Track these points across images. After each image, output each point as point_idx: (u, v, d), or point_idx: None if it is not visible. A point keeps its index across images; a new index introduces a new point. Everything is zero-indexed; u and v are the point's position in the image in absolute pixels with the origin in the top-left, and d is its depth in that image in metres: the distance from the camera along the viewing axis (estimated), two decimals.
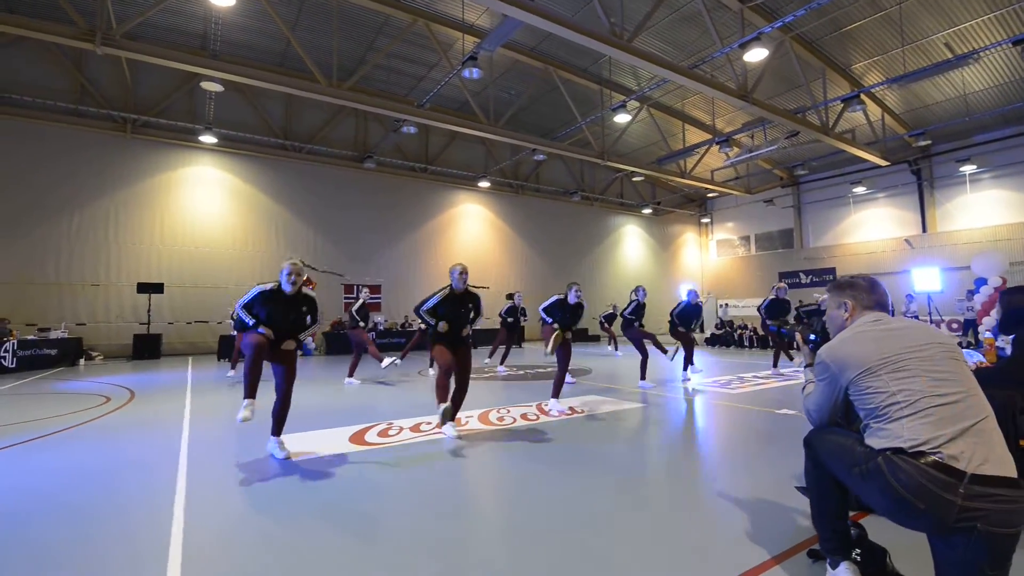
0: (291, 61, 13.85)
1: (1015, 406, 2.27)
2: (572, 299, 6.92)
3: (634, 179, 19.68)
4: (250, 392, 3.84)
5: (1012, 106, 14.22)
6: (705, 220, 25.53)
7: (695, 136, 18.15)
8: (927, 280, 12.85)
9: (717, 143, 15.19)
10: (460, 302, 4.97)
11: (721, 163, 19.32)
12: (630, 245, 23.93)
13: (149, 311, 12.94)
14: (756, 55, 9.98)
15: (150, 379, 9.07)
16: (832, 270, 20.43)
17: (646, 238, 24.50)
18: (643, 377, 7.74)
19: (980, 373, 2.54)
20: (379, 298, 16.49)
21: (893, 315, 2.03)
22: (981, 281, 10.26)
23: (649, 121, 17.21)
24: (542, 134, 17.16)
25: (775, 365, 9.25)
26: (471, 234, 19.20)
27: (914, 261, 17.87)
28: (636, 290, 8.24)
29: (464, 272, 4.90)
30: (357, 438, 4.59)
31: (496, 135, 13.64)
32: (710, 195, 23.78)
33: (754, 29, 10.46)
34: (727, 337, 16.02)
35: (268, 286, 4.06)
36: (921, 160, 18.20)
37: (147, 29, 12.28)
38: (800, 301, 9.75)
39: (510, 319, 10.42)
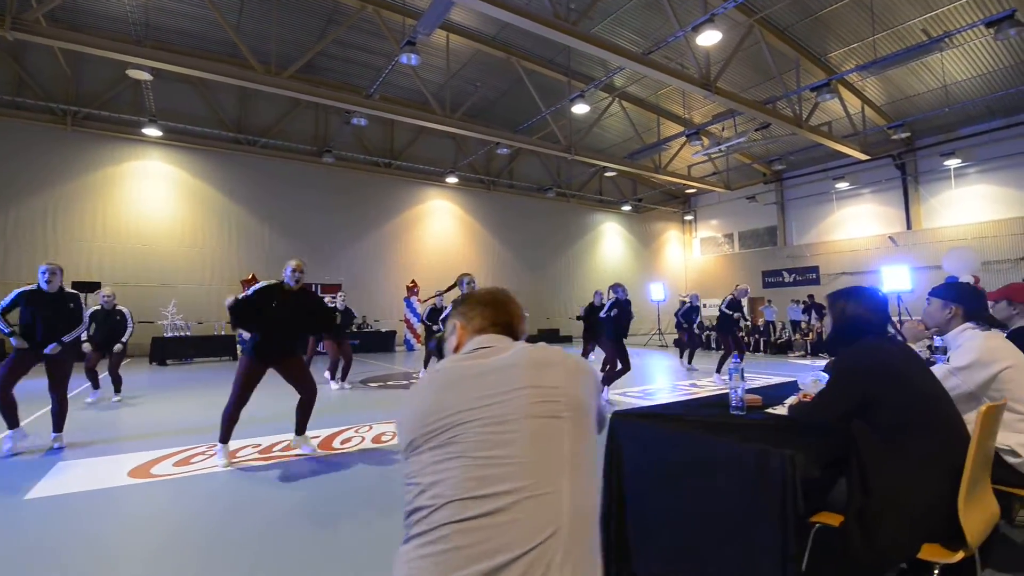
0: (239, 51, 13.25)
1: (793, 472, 1.54)
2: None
3: (607, 174, 19.03)
4: None
5: (995, 95, 13.57)
6: (688, 217, 24.87)
7: (671, 130, 17.50)
8: (897, 279, 12.17)
9: (687, 136, 14.54)
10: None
11: (702, 158, 18.72)
12: (610, 243, 23.29)
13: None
14: (710, 38, 9.36)
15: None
16: (815, 268, 19.79)
17: (627, 236, 23.85)
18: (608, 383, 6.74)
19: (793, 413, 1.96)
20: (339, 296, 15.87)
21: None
22: (952, 279, 9.60)
23: (624, 115, 16.56)
24: (513, 128, 16.55)
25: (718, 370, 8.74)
26: (439, 231, 18.60)
27: (898, 259, 17.20)
28: (614, 288, 6.98)
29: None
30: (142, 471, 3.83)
31: (452, 127, 13.02)
32: (688, 191, 23.10)
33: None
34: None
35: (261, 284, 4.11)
36: (905, 154, 17.52)
37: (78, 16, 11.73)
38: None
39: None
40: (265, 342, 3.89)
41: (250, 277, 13.62)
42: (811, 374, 2.35)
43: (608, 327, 6.73)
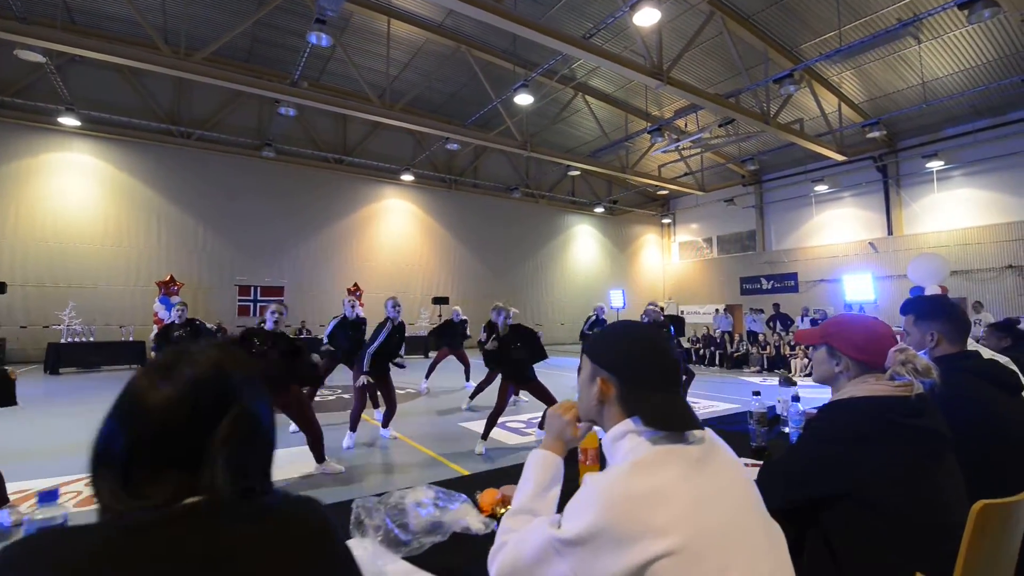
0: (173, 36, 12.30)
1: None
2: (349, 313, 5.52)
3: (571, 173, 18.07)
4: None
5: (976, 89, 12.57)
6: (666, 220, 23.89)
7: (640, 128, 16.55)
8: (859, 288, 11.15)
9: (648, 132, 13.58)
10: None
11: (672, 157, 17.77)
12: (582, 246, 22.31)
13: None
14: (648, 16, 8.40)
15: None
16: (794, 275, 18.76)
17: (601, 239, 22.88)
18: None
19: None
20: (281, 300, 14.93)
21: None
22: (917, 290, 8.64)
23: (598, 111, 15.59)
24: (465, 123, 15.60)
25: None
26: (395, 232, 17.63)
27: (878, 266, 16.22)
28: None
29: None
30: None
31: (389, 119, 12.07)
32: (661, 192, 22.12)
33: None
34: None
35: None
36: (887, 156, 16.54)
37: None
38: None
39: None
40: None
41: (168, 278, 12.67)
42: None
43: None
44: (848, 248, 17.56)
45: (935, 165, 15.16)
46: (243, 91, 13.41)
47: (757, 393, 2.23)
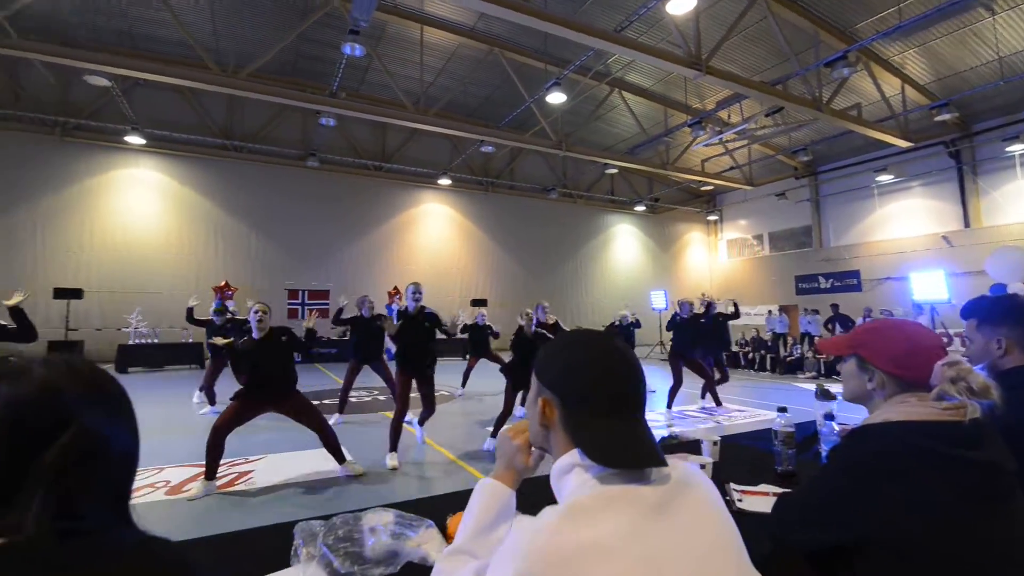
0: (223, 55, 13.04)
1: None
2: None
3: (608, 171, 17.67)
4: None
5: None
6: (712, 217, 22.95)
7: (680, 122, 15.98)
8: (930, 286, 10.18)
9: (689, 125, 13.08)
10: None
11: (716, 151, 17.07)
12: (623, 246, 21.80)
13: (67, 317, 12.48)
14: (682, 5, 8.07)
15: None
16: (855, 273, 17.54)
17: (643, 238, 22.28)
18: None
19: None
20: (327, 304, 15.48)
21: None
22: (998, 288, 7.71)
23: (635, 106, 15.20)
24: (499, 125, 15.61)
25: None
26: (433, 236, 17.88)
27: (952, 262, 14.86)
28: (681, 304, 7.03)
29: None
30: None
31: (422, 124, 12.25)
32: (705, 188, 21.23)
33: None
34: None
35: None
36: (960, 141, 15.15)
37: (57, 27, 11.82)
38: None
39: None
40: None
41: (223, 284, 13.36)
42: None
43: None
44: (917, 242, 16.22)
45: (1017, 148, 13.75)
46: (287, 104, 14.11)
47: (783, 409, 1.89)
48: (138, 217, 14.09)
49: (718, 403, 7.18)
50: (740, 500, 1.46)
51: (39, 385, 0.57)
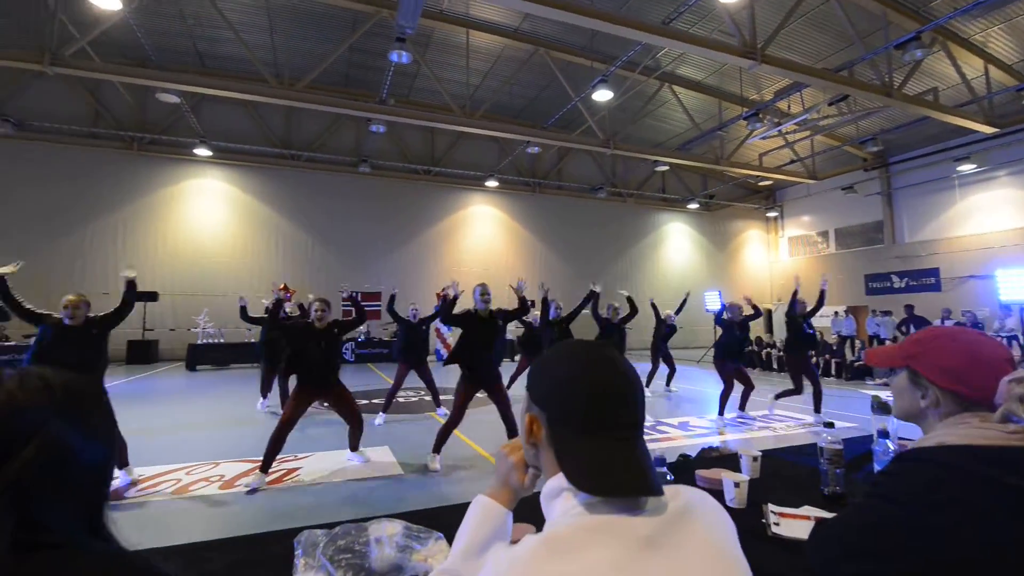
0: (280, 69, 13.70)
1: None
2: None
3: (658, 168, 17.15)
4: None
5: None
6: (772, 214, 21.83)
7: (735, 115, 15.31)
8: (1019, 285, 9.18)
9: (744, 118, 12.49)
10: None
11: (775, 143, 16.25)
12: (675, 246, 21.13)
13: (144, 318, 13.49)
14: None
15: None
16: (934, 271, 16.20)
17: (696, 237, 21.50)
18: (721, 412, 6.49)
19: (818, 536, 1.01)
20: (379, 305, 15.92)
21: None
22: None
23: (686, 100, 14.74)
24: (545, 124, 15.52)
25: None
26: (481, 237, 18.03)
27: None
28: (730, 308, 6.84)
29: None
30: None
31: (471, 128, 12.36)
32: (763, 183, 20.19)
33: None
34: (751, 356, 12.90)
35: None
36: None
37: (127, 48, 12.76)
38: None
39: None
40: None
41: (282, 286, 13.99)
42: None
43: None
44: (1004, 237, 14.76)
45: None
46: (340, 113, 14.64)
47: (830, 424, 1.69)
48: (205, 224, 15.04)
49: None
50: (777, 524, 1.32)
51: (5, 397, 0.57)
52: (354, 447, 4.56)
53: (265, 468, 4.00)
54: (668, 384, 9.44)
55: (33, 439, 0.55)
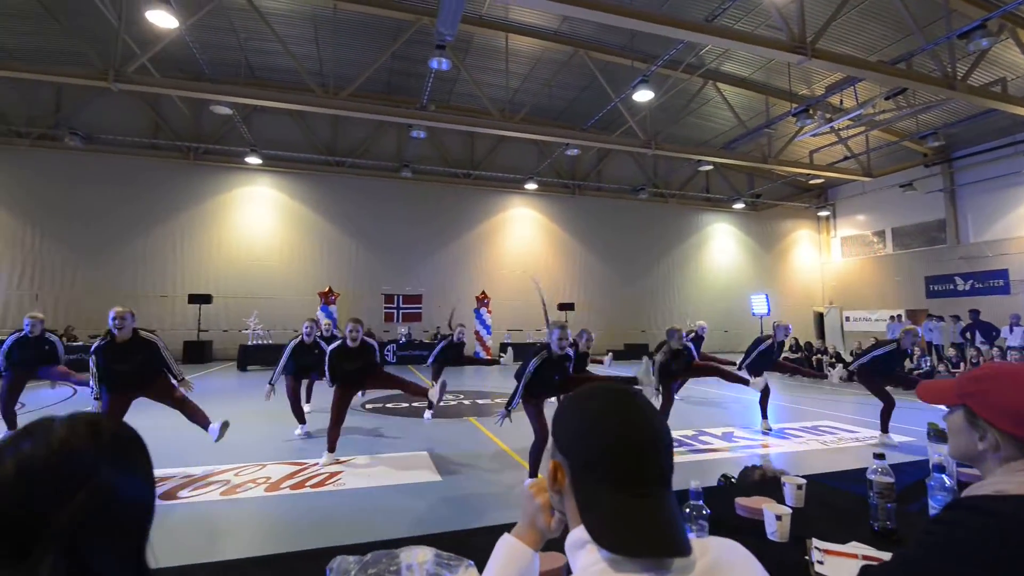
0: (326, 79, 14.14)
1: None
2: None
3: (702, 168, 16.69)
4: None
5: None
6: (824, 213, 20.88)
7: (783, 111, 14.74)
8: None
9: (793, 114, 12.02)
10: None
11: (827, 140, 15.56)
12: (720, 247, 20.53)
13: (199, 320, 14.21)
14: None
15: None
16: (1003, 272, 15.16)
17: (742, 238, 20.83)
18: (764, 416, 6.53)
19: None
20: (420, 308, 16.24)
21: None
22: None
23: (732, 97, 14.32)
24: (584, 126, 15.40)
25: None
26: (520, 240, 18.06)
27: None
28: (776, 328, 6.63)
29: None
30: None
31: (510, 131, 12.41)
32: (813, 181, 19.32)
33: None
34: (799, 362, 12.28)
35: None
36: None
37: (186, 64, 13.46)
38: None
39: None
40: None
41: (327, 289, 14.50)
42: None
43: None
44: None
45: None
46: (383, 120, 15.00)
47: (880, 455, 1.50)
48: (255, 229, 15.71)
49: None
50: (821, 562, 1.26)
51: (58, 444, 0.59)
52: (429, 407, 5.82)
53: (331, 449, 4.85)
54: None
55: (84, 485, 0.57)
